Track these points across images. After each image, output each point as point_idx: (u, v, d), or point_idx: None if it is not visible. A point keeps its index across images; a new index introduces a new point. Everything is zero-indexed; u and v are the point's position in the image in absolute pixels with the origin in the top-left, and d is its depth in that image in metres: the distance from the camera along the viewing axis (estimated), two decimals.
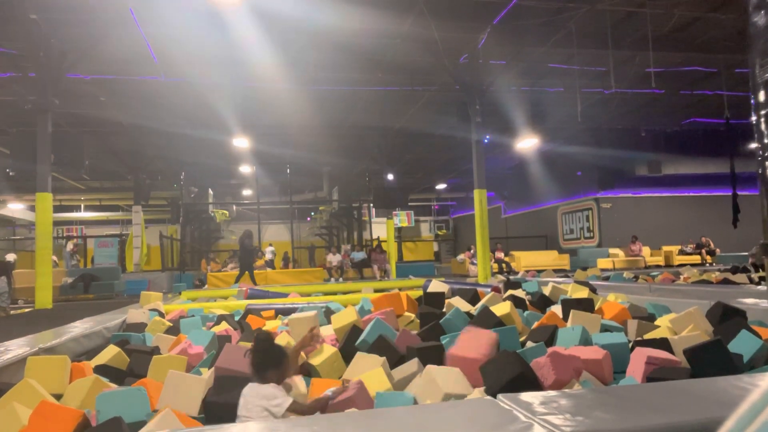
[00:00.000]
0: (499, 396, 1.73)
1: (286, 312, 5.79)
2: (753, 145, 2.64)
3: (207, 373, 3.07)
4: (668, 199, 18.30)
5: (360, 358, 3.19)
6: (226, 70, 11.32)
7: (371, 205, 20.02)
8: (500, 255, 16.15)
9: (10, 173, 13.80)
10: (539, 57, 11.44)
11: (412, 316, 4.82)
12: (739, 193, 8.77)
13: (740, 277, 8.25)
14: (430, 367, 2.76)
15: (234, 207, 25.16)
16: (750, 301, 4.48)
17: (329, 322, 4.60)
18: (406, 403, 2.53)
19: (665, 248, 16.92)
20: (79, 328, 4.71)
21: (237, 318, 5.39)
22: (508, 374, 2.45)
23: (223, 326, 4.84)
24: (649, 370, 2.71)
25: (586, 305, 4.35)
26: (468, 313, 4.50)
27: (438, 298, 5.19)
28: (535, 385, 2.47)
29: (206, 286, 13.39)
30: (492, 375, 2.51)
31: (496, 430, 1.45)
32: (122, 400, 2.43)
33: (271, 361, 2.43)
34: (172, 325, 5.07)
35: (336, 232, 25.00)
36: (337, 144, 17.17)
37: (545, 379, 2.57)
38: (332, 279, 14.29)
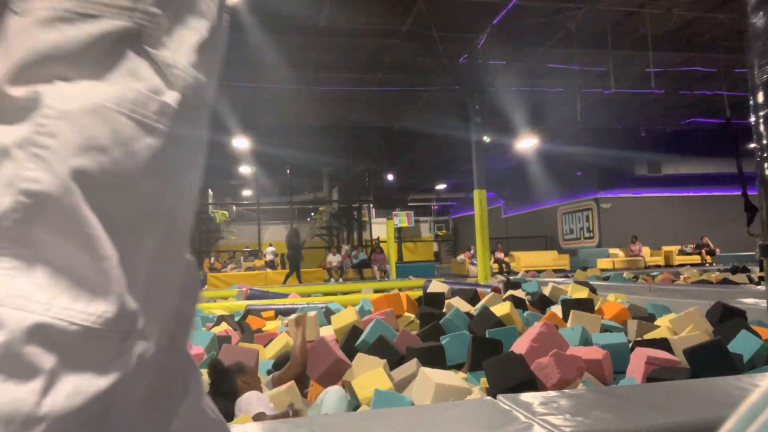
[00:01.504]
0: (499, 396, 1.73)
1: (285, 312, 5.79)
2: (752, 146, 2.64)
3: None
4: (668, 199, 18.31)
5: (360, 359, 3.19)
6: (226, 70, 11.32)
7: (371, 205, 20.02)
8: (500, 255, 16.16)
9: None
10: (539, 57, 11.44)
11: (412, 316, 4.82)
12: (737, 193, 8.75)
13: (740, 277, 8.25)
14: (424, 369, 2.79)
15: (234, 207, 25.16)
16: (750, 301, 4.48)
17: (329, 323, 4.60)
18: (403, 405, 2.53)
19: (665, 248, 16.92)
20: None
21: (237, 318, 5.39)
22: (513, 380, 2.46)
23: (223, 327, 4.84)
24: (649, 370, 2.71)
25: (586, 305, 4.35)
26: (468, 314, 4.50)
27: (438, 299, 5.19)
28: (538, 388, 2.48)
29: (206, 286, 13.39)
30: (495, 376, 2.52)
31: (496, 431, 1.45)
32: None
33: (226, 382, 2.67)
34: None
35: (336, 232, 25.01)
36: (337, 144, 17.18)
37: (548, 379, 2.58)
38: (332, 279, 14.30)
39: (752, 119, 2.62)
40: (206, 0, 0.52)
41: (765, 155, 2.57)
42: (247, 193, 25.10)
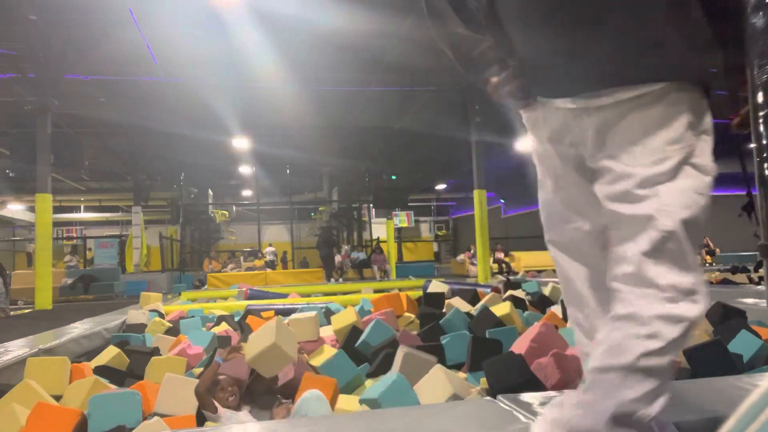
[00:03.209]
0: (499, 396, 1.73)
1: (285, 312, 5.79)
2: (751, 145, 2.64)
3: None
4: None
5: None
6: (226, 70, 11.32)
7: (371, 205, 20.02)
8: (500, 255, 16.15)
9: (10, 174, 13.81)
10: None
11: (412, 316, 4.81)
12: (736, 193, 8.72)
13: (740, 277, 8.26)
14: (438, 366, 2.77)
15: (234, 207, 25.15)
16: (750, 301, 4.48)
17: (329, 323, 4.60)
18: (409, 397, 2.51)
19: None
20: (78, 329, 4.72)
21: (237, 319, 5.39)
22: (513, 379, 2.46)
23: (223, 327, 4.84)
24: None
25: None
26: (468, 314, 4.50)
27: (438, 299, 5.19)
28: (538, 388, 2.48)
29: (206, 286, 13.39)
30: (495, 376, 2.52)
31: (496, 430, 1.45)
32: (115, 403, 2.43)
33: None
34: (171, 325, 5.07)
35: (336, 232, 25.01)
36: (337, 144, 17.17)
37: (548, 379, 2.58)
38: (332, 279, 14.29)
39: (752, 119, 2.62)
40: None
41: (765, 155, 2.57)
42: (247, 193, 25.09)
